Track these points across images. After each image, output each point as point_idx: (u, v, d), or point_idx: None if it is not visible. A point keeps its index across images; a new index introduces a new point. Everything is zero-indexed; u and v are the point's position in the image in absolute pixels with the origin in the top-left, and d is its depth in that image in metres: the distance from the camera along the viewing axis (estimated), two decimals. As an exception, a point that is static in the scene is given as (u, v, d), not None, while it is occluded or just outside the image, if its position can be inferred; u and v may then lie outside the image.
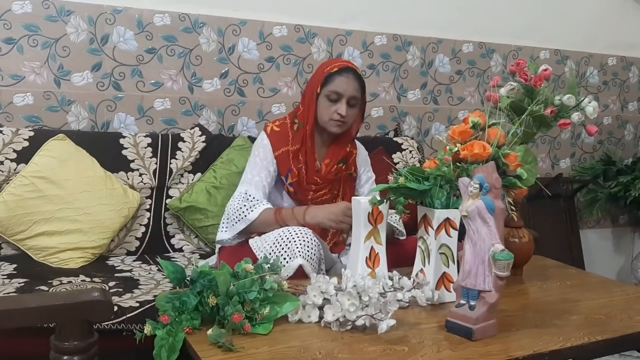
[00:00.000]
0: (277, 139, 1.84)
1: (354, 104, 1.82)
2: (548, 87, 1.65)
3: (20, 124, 2.13)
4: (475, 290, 1.20)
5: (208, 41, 2.38)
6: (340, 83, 1.79)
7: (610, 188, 3.08)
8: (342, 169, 1.89)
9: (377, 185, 1.39)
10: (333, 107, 1.79)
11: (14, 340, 1.47)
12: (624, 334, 1.28)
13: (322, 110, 1.81)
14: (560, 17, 3.04)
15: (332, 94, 1.79)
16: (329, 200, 1.86)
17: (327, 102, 1.80)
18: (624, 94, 3.34)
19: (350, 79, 1.80)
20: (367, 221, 1.44)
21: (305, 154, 1.84)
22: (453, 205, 1.40)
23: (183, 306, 1.20)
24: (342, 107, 1.78)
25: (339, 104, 1.79)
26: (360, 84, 1.82)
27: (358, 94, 1.82)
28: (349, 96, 1.79)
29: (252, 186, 1.79)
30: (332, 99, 1.79)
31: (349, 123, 1.85)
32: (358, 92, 1.82)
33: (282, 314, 1.23)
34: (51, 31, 2.16)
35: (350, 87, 1.79)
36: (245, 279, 1.23)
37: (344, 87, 1.79)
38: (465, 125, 1.44)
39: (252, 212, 1.72)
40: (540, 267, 1.77)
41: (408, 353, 1.13)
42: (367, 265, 1.44)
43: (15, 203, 1.89)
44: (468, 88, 2.91)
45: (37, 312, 0.99)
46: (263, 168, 1.82)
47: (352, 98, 1.80)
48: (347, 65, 1.82)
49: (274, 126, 1.87)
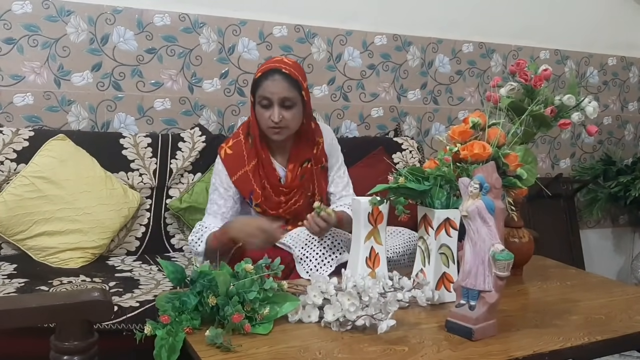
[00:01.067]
0: (231, 163, 1.77)
1: (289, 105, 1.70)
2: (548, 87, 1.65)
3: (20, 124, 2.13)
4: (475, 290, 1.20)
5: (208, 41, 2.38)
6: (267, 87, 1.68)
7: (611, 188, 3.08)
8: (308, 168, 1.81)
9: (377, 185, 1.38)
10: (267, 113, 1.70)
11: (14, 340, 1.47)
12: (624, 334, 1.28)
13: (259, 119, 1.73)
14: (560, 17, 3.04)
15: (262, 100, 1.69)
16: (304, 204, 1.79)
17: (260, 109, 1.71)
18: (624, 94, 3.34)
19: (276, 81, 1.68)
20: (367, 221, 1.44)
21: (264, 167, 1.77)
22: (453, 205, 1.40)
23: (183, 306, 1.20)
24: (274, 112, 1.68)
25: (272, 109, 1.69)
26: (290, 83, 1.69)
27: (291, 93, 1.69)
28: (279, 99, 1.68)
29: (211, 216, 1.76)
30: (264, 105, 1.70)
31: (291, 126, 1.73)
32: (290, 91, 1.69)
33: (282, 314, 1.23)
34: (51, 31, 2.16)
35: (278, 89, 1.68)
36: (245, 279, 1.23)
37: (271, 91, 1.68)
38: (465, 125, 1.44)
39: (200, 246, 1.71)
40: (540, 267, 1.77)
41: (408, 353, 1.13)
42: (367, 265, 1.44)
43: (15, 203, 1.89)
44: (468, 88, 2.91)
45: (37, 312, 0.99)
46: (221, 196, 1.77)
47: (285, 100, 1.69)
48: (272, 67, 1.70)
49: (227, 148, 1.79)
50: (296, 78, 1.71)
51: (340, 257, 1.61)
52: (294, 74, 1.71)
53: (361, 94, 2.68)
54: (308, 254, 1.60)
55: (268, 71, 1.70)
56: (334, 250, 1.62)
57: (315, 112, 2.50)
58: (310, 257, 1.60)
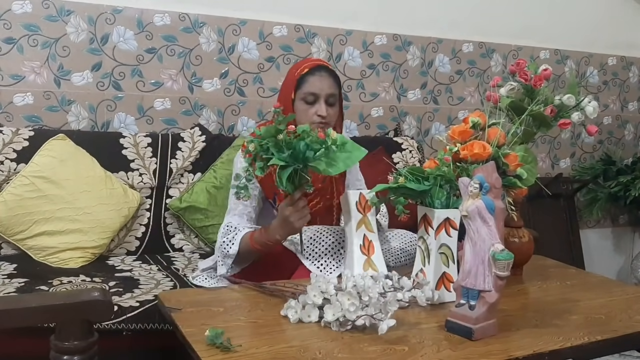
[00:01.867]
0: None
1: (332, 102, 1.71)
2: (548, 87, 1.65)
3: (20, 124, 2.13)
4: (475, 290, 1.20)
5: (208, 41, 2.38)
6: (315, 83, 1.69)
7: (610, 188, 3.08)
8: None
9: (377, 185, 1.38)
10: (312, 110, 1.69)
11: (14, 340, 1.47)
12: (624, 333, 1.28)
13: (300, 115, 1.70)
14: (560, 17, 3.04)
15: (308, 96, 1.69)
16: (322, 208, 1.79)
17: (304, 105, 1.70)
18: (624, 94, 3.34)
19: (324, 77, 1.70)
20: (357, 210, 1.48)
21: None
22: (453, 205, 1.40)
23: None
24: (322, 107, 1.68)
25: (317, 105, 1.69)
26: (334, 80, 1.73)
27: (335, 91, 1.72)
28: (326, 95, 1.69)
29: (236, 217, 1.71)
30: (309, 101, 1.69)
31: (332, 123, 1.74)
32: (335, 88, 1.72)
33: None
34: (51, 31, 2.16)
35: (326, 85, 1.69)
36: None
37: (319, 87, 1.69)
38: (465, 125, 1.44)
39: (233, 247, 1.64)
40: (540, 267, 1.77)
41: (408, 353, 1.13)
42: (362, 252, 1.46)
43: (15, 203, 1.89)
44: (468, 88, 2.91)
45: (37, 312, 0.99)
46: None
47: (330, 96, 1.70)
48: (318, 64, 1.73)
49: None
50: (338, 77, 1.75)
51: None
52: (336, 72, 1.75)
53: (361, 93, 2.68)
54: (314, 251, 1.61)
55: (315, 67, 1.70)
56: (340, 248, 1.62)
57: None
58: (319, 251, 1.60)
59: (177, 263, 2.01)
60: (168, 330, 1.40)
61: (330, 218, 1.81)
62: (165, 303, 1.35)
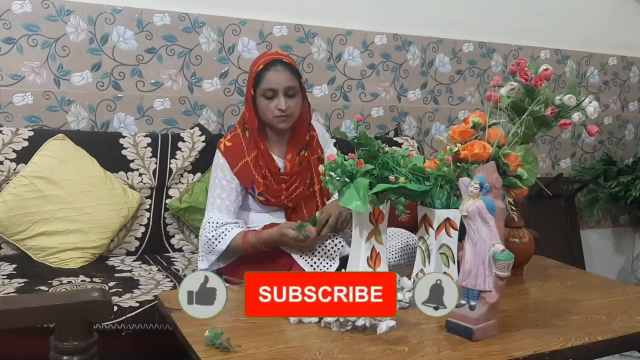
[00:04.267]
0: (232, 155, 1.78)
1: (292, 93, 1.75)
2: (548, 87, 1.65)
3: (19, 124, 2.13)
4: (475, 291, 1.20)
5: (208, 41, 2.38)
6: (271, 78, 1.72)
7: (611, 188, 3.08)
8: (305, 157, 1.85)
9: (377, 185, 1.38)
10: (272, 104, 1.74)
11: (14, 340, 1.47)
12: (625, 334, 1.28)
13: (263, 110, 1.76)
14: (560, 17, 3.04)
15: (267, 92, 1.73)
16: (303, 192, 1.83)
17: (264, 100, 1.74)
18: (625, 94, 3.33)
19: (279, 71, 1.73)
20: (369, 221, 1.43)
21: (263, 158, 1.79)
22: (453, 205, 1.40)
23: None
24: (281, 101, 1.72)
25: (277, 99, 1.73)
26: (292, 72, 1.75)
27: (293, 83, 1.75)
28: (283, 89, 1.73)
29: (216, 210, 1.74)
30: (269, 97, 1.74)
31: (295, 114, 1.78)
32: (292, 80, 1.75)
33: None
34: (51, 31, 2.16)
35: (282, 79, 1.73)
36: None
37: (276, 81, 1.72)
38: (465, 125, 1.44)
39: (221, 243, 1.69)
40: (540, 267, 1.77)
41: (408, 353, 1.13)
42: (369, 265, 1.44)
43: (15, 203, 1.89)
44: (468, 88, 2.91)
45: (37, 313, 0.99)
46: (224, 189, 1.76)
47: (289, 89, 1.74)
48: (273, 58, 1.75)
49: (226, 142, 1.81)
50: (296, 67, 1.78)
51: (342, 250, 1.64)
52: (294, 64, 1.78)
53: (361, 93, 2.68)
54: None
55: (269, 62, 1.74)
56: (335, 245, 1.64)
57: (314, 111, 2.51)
58: (314, 250, 1.62)
59: (176, 263, 2.01)
60: (168, 331, 1.41)
61: (314, 203, 1.85)
62: (165, 303, 1.35)
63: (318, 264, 1.61)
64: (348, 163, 1.39)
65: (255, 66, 1.76)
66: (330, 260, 1.63)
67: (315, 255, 1.62)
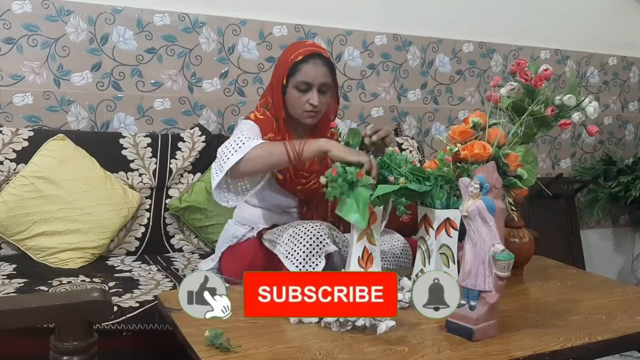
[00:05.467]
0: (265, 125, 1.69)
1: (325, 90, 1.68)
2: (548, 87, 1.65)
3: (19, 124, 2.13)
4: (475, 291, 1.20)
5: (208, 41, 2.38)
6: (308, 72, 1.65)
7: (611, 188, 3.08)
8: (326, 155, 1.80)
9: (379, 187, 1.37)
10: (304, 98, 1.66)
11: (14, 340, 1.47)
12: (625, 334, 1.28)
13: (292, 102, 1.68)
14: (560, 17, 3.04)
15: (301, 85, 1.65)
16: (319, 189, 1.71)
17: (296, 93, 1.66)
18: (625, 94, 3.34)
19: (318, 65, 1.66)
20: None
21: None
22: (453, 205, 1.40)
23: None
24: (314, 96, 1.65)
25: (310, 94, 1.65)
26: (329, 68, 1.68)
27: (329, 80, 1.68)
28: (319, 84, 1.65)
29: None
30: (302, 89, 1.65)
31: (323, 111, 1.72)
32: (328, 77, 1.68)
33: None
34: (51, 31, 2.16)
35: (320, 74, 1.66)
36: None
37: (313, 76, 1.65)
38: (465, 125, 1.44)
39: (248, 143, 1.55)
40: (540, 267, 1.77)
41: (408, 353, 1.13)
42: (360, 265, 1.41)
43: (15, 203, 1.89)
44: (468, 88, 2.91)
45: (37, 312, 0.99)
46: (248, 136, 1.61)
47: (323, 85, 1.67)
48: (313, 51, 1.68)
49: (258, 114, 1.72)
50: (333, 64, 1.71)
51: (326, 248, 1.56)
52: (332, 60, 1.71)
53: (361, 93, 2.68)
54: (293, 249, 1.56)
55: (309, 55, 1.66)
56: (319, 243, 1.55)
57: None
58: (299, 250, 1.55)
59: (176, 263, 2.01)
60: (168, 331, 1.40)
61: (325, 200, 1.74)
62: (165, 303, 1.35)
63: (304, 263, 1.55)
64: (350, 171, 1.36)
65: (292, 55, 1.67)
66: (317, 258, 1.55)
67: (300, 255, 1.55)
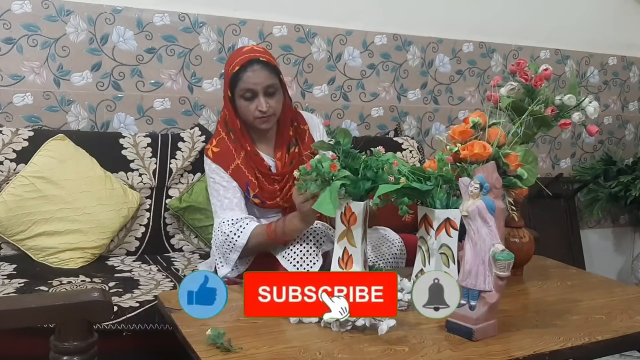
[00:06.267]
0: (222, 160, 1.71)
1: (272, 92, 1.66)
2: (548, 87, 1.65)
3: (19, 124, 2.13)
4: (475, 291, 1.20)
5: (208, 41, 2.38)
6: (249, 79, 1.64)
7: (611, 188, 3.08)
8: (296, 153, 1.77)
9: (380, 187, 1.36)
10: (252, 105, 1.65)
11: (14, 340, 1.47)
12: (625, 334, 1.28)
13: (243, 112, 1.68)
14: (560, 17, 3.04)
15: (245, 93, 1.65)
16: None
17: (244, 102, 1.66)
18: (625, 94, 3.34)
19: (257, 71, 1.64)
20: (340, 222, 1.36)
21: (252, 158, 1.72)
22: (453, 205, 1.40)
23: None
24: (261, 102, 1.64)
25: (257, 100, 1.65)
26: (270, 70, 1.66)
27: (273, 80, 1.66)
28: (263, 88, 1.64)
29: (227, 211, 1.65)
30: (248, 98, 1.65)
31: (277, 112, 1.70)
32: (271, 78, 1.66)
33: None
34: (51, 31, 2.16)
35: (261, 78, 1.64)
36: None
37: (254, 82, 1.63)
38: (465, 125, 1.44)
39: (241, 237, 1.59)
40: (540, 267, 1.77)
41: (408, 353, 1.13)
42: (340, 265, 1.38)
43: (15, 203, 1.89)
44: (468, 88, 2.91)
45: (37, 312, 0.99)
46: (227, 189, 1.68)
47: (269, 87, 1.65)
48: (250, 57, 1.65)
49: (213, 148, 1.73)
50: (274, 64, 1.70)
51: (323, 247, 1.57)
52: (272, 61, 1.69)
53: (361, 93, 2.68)
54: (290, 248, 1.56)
55: (246, 63, 1.65)
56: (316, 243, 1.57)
57: (313, 111, 2.51)
58: (295, 249, 1.56)
59: (177, 263, 2.01)
60: (168, 331, 1.41)
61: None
62: (165, 303, 1.35)
63: (301, 262, 1.55)
64: (325, 165, 1.34)
65: (231, 66, 1.67)
66: (314, 257, 1.56)
67: (297, 255, 1.56)
